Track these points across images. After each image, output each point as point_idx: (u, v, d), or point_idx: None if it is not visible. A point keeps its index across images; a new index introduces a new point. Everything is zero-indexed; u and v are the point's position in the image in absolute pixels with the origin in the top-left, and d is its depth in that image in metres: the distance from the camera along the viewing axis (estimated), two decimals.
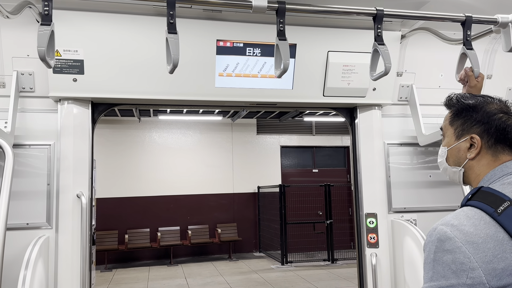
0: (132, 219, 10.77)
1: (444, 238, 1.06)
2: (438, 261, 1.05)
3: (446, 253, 1.04)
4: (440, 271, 1.04)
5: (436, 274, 1.05)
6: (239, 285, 8.11)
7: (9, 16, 2.03)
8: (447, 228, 1.07)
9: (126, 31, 2.63)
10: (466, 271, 1.01)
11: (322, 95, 3.04)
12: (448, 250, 1.04)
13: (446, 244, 1.05)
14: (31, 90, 2.70)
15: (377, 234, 3.08)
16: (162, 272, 9.61)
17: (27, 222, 2.64)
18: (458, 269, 1.01)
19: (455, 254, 1.03)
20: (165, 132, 11.28)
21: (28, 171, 2.68)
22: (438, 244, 1.06)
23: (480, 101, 1.30)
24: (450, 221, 1.08)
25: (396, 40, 3.01)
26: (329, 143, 12.40)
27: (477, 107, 1.29)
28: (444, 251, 1.05)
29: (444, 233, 1.06)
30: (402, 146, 3.29)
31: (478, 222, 1.05)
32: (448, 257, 1.04)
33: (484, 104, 1.29)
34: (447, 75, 3.28)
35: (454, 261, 1.02)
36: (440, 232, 1.08)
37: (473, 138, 1.26)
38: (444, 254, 1.04)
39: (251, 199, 11.74)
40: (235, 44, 2.81)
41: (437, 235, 1.08)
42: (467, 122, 1.30)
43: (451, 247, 1.04)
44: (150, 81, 2.74)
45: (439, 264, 1.05)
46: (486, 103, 1.29)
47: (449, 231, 1.06)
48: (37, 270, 2.38)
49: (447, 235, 1.05)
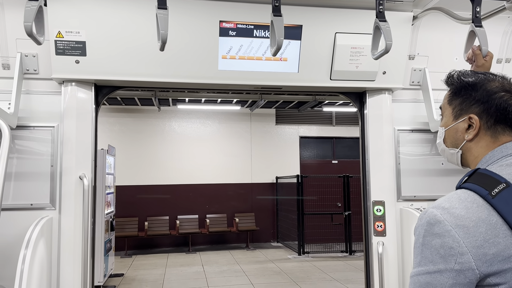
0: (152, 207, 10.92)
1: (434, 221, 1.01)
2: (427, 245, 1.01)
3: (435, 237, 0.99)
4: (428, 255, 1.00)
5: (424, 259, 1.01)
6: (255, 274, 8.12)
7: None
8: (437, 211, 1.01)
9: (128, 13, 2.61)
10: (454, 256, 0.96)
11: (329, 78, 2.96)
12: (437, 234, 0.99)
13: (435, 227, 1.00)
14: (35, 72, 2.72)
15: (384, 222, 2.99)
16: (180, 259, 9.72)
17: (31, 203, 2.68)
18: (447, 254, 0.97)
19: (444, 238, 0.98)
20: (184, 122, 11.34)
21: (33, 152, 2.71)
22: (427, 228, 1.02)
23: (481, 79, 1.21)
24: (441, 204, 1.03)
25: (407, 21, 2.89)
26: (350, 134, 12.19)
27: (476, 85, 1.19)
28: (433, 234, 1.00)
29: (434, 216, 1.01)
30: (413, 132, 3.17)
31: (470, 205, 1.00)
32: (436, 241, 0.99)
33: (485, 81, 1.19)
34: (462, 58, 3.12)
35: (443, 246, 0.98)
36: (430, 215, 1.02)
37: (471, 119, 1.18)
38: (433, 238, 1.00)
39: (269, 189, 11.71)
40: (238, 25, 2.75)
41: (427, 218, 1.03)
42: (466, 101, 1.21)
43: (440, 230, 0.99)
44: (153, 63, 2.72)
45: (428, 248, 1.00)
46: (487, 80, 1.19)
47: (439, 214, 1.00)
48: (38, 249, 2.41)
49: (437, 218, 1.00)
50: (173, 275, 8.06)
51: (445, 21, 2.77)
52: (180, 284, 7.38)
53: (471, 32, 2.05)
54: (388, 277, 2.92)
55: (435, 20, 2.94)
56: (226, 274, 8.14)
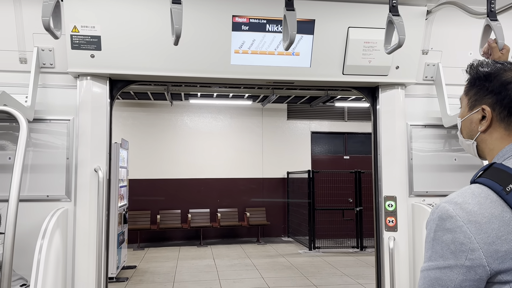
0: (164, 200, 11.03)
1: (446, 216, 0.99)
2: (438, 240, 1.00)
3: (446, 232, 0.98)
4: (438, 250, 0.99)
5: (435, 254, 1.00)
6: (266, 268, 8.16)
7: None
8: (449, 206, 1.00)
9: (142, 8, 2.64)
10: (465, 252, 0.95)
11: (341, 73, 2.95)
12: (448, 229, 0.98)
13: (447, 222, 0.99)
14: (51, 66, 2.76)
15: (396, 217, 2.99)
16: (191, 252, 9.81)
17: (47, 194, 2.73)
18: (457, 250, 0.96)
19: (455, 233, 0.97)
20: (196, 116, 11.40)
21: (49, 145, 2.77)
22: (439, 223, 1.00)
23: (497, 69, 1.17)
24: (454, 199, 1.01)
25: (421, 15, 2.87)
26: (362, 129, 12.12)
27: (491, 75, 1.17)
28: (445, 230, 0.99)
29: (446, 211, 1.00)
30: (426, 127, 3.16)
31: (483, 201, 0.98)
32: (448, 237, 0.98)
33: (500, 72, 1.16)
34: (476, 53, 3.08)
35: (454, 241, 0.97)
36: (442, 210, 1.01)
37: (484, 110, 1.16)
38: (444, 233, 0.99)
39: (280, 184, 11.72)
40: (251, 20, 2.76)
41: (439, 213, 1.01)
42: (480, 91, 1.19)
43: (452, 226, 0.98)
44: (166, 58, 2.75)
45: (439, 243, 0.99)
46: (503, 70, 1.16)
47: (452, 209, 0.99)
48: (54, 240, 2.47)
49: (449, 213, 0.99)
50: (185, 268, 8.14)
51: (459, 16, 2.74)
52: (192, 277, 7.46)
53: (486, 26, 2.03)
54: (399, 272, 2.92)
55: (449, 14, 2.92)
56: (237, 267, 8.20)
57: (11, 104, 2.28)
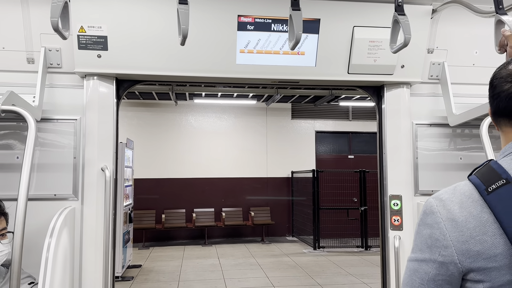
0: (168, 199, 11.06)
1: (429, 211, 1.03)
2: (419, 234, 1.04)
3: (426, 227, 1.02)
4: (418, 243, 1.04)
5: (416, 246, 1.05)
6: (270, 267, 8.17)
7: None
8: (435, 202, 1.03)
9: (148, 8, 2.65)
10: (439, 248, 0.98)
11: (346, 72, 2.96)
12: (428, 224, 1.02)
13: (428, 218, 1.02)
14: (58, 66, 2.79)
15: (401, 216, 2.99)
16: (196, 251, 9.84)
17: (55, 193, 2.75)
18: (433, 245, 0.99)
19: (433, 229, 1.00)
20: (200, 116, 11.42)
21: (56, 144, 2.79)
22: (422, 217, 1.05)
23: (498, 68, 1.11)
24: (441, 195, 1.04)
25: (426, 14, 2.86)
26: (366, 128, 12.10)
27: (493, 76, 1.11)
28: (425, 224, 1.03)
29: (430, 206, 1.03)
30: (432, 126, 3.16)
31: (466, 200, 0.99)
32: (426, 231, 1.02)
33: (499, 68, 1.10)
34: (482, 52, 3.10)
35: (431, 236, 1.00)
36: (427, 204, 1.05)
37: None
38: (424, 228, 1.03)
39: (285, 184, 11.73)
40: (256, 19, 2.77)
41: (424, 207, 1.05)
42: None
43: (432, 221, 1.01)
44: (173, 58, 2.77)
45: (419, 237, 1.04)
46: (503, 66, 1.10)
47: (435, 205, 1.02)
48: (62, 238, 2.49)
49: (432, 209, 1.02)
50: (190, 267, 8.17)
51: (465, 14, 2.74)
52: (197, 276, 7.48)
53: (497, 22, 2.02)
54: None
55: (455, 13, 2.91)
56: (242, 267, 8.22)
57: (19, 104, 2.30)
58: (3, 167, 2.72)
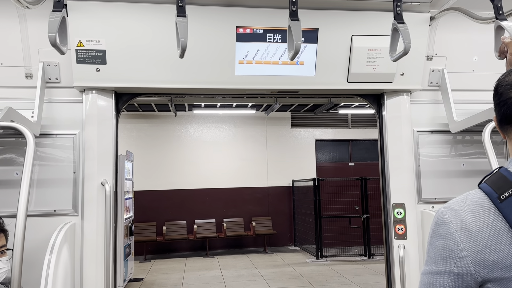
0: (169, 211, 11.00)
1: (441, 222, 1.00)
2: (432, 245, 1.02)
3: (439, 238, 1.00)
4: (432, 256, 1.01)
5: (429, 259, 1.02)
6: (273, 278, 8.09)
7: (29, 6, 2.09)
8: (446, 212, 1.00)
9: (146, 21, 2.65)
10: (454, 259, 0.95)
11: (346, 81, 2.95)
12: (441, 235, 0.99)
13: (441, 229, 1.00)
14: (56, 80, 2.78)
15: (405, 225, 2.96)
16: (198, 263, 9.76)
17: (55, 209, 2.73)
18: (447, 256, 0.97)
19: (447, 240, 0.97)
20: (200, 126, 11.41)
21: (55, 159, 2.77)
22: (434, 228, 1.02)
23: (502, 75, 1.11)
24: (452, 205, 1.01)
25: (425, 22, 2.87)
26: (366, 136, 12.09)
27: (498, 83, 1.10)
28: (438, 236, 1.00)
29: (442, 217, 1.00)
30: (433, 133, 3.14)
31: (478, 208, 0.96)
32: (440, 243, 0.99)
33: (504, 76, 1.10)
34: (481, 58, 3.10)
35: (445, 248, 0.98)
36: (439, 215, 1.02)
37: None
38: (437, 239, 1.00)
39: (286, 193, 11.68)
40: (255, 30, 2.77)
41: (436, 218, 1.03)
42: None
43: (445, 232, 0.98)
44: (171, 70, 2.76)
45: (432, 248, 1.01)
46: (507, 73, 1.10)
47: (447, 215, 0.99)
48: (62, 255, 2.46)
49: (444, 220, 0.99)
50: (192, 280, 8.09)
51: (463, 21, 2.74)
52: None
53: (497, 28, 2.01)
54: (410, 281, 2.89)
55: (453, 20, 2.91)
56: (244, 278, 8.14)
57: (17, 119, 2.29)
58: (2, 184, 2.70)
